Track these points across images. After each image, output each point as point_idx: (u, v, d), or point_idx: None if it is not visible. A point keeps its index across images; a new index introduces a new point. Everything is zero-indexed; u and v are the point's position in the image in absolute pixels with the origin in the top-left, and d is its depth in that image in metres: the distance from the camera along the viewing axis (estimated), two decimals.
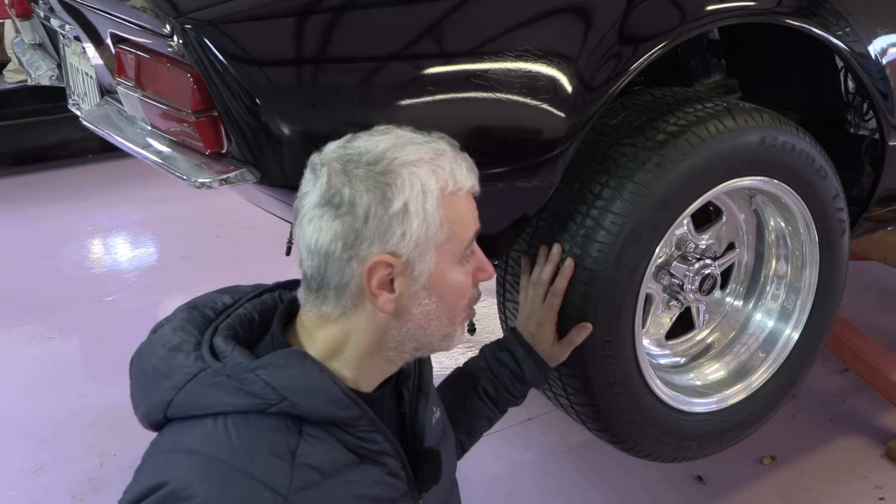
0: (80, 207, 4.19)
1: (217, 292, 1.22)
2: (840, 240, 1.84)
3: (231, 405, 1.03)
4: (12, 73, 5.95)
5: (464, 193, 1.10)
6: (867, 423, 2.45)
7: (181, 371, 1.07)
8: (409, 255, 1.06)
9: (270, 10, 1.27)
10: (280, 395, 1.03)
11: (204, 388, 1.05)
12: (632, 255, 1.51)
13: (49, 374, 2.77)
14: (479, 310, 1.22)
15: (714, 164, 1.56)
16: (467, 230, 1.11)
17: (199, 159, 1.33)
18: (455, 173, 1.08)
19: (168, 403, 1.06)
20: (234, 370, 1.05)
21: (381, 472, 1.12)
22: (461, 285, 1.12)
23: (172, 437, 1.06)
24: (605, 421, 1.64)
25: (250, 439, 1.01)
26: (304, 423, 1.05)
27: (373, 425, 1.10)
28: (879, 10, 1.80)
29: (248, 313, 1.18)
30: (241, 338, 1.13)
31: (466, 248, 1.11)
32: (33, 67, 2.17)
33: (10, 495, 2.24)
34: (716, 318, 1.93)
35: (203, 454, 1.01)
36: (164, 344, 1.11)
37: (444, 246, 1.08)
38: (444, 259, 1.09)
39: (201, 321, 1.15)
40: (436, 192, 1.06)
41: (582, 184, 1.52)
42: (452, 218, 1.08)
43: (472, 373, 1.53)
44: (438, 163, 1.08)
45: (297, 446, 1.03)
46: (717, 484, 2.22)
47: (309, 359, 1.08)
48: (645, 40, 1.45)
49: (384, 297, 1.07)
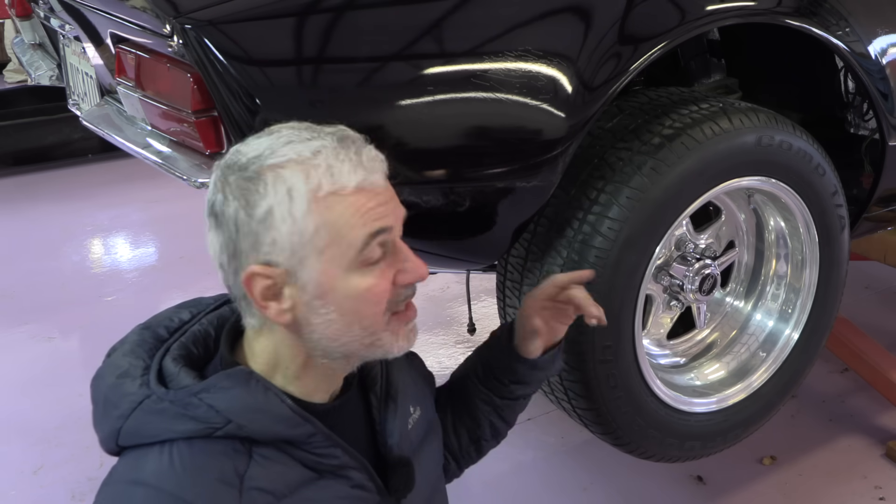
0: (80, 207, 4.19)
1: (176, 308, 1.18)
2: (840, 237, 1.84)
3: (176, 432, 1.00)
4: (12, 73, 5.95)
5: (349, 192, 0.98)
6: (867, 423, 2.45)
7: (127, 399, 1.04)
8: (288, 264, 0.98)
9: (270, 10, 1.27)
10: (225, 418, 1.00)
11: (149, 416, 1.02)
12: (630, 260, 1.51)
13: (49, 374, 2.77)
14: (479, 310, 1.20)
15: (711, 165, 1.56)
16: (354, 232, 0.99)
17: (199, 159, 1.33)
18: (333, 171, 0.98)
19: (118, 432, 1.03)
20: (176, 395, 1.01)
21: (345, 485, 1.08)
22: (366, 292, 1.01)
23: (124, 466, 1.03)
24: (607, 424, 1.64)
25: (195, 467, 0.98)
26: (255, 444, 1.02)
27: (328, 440, 1.06)
28: (879, 10, 1.80)
29: (203, 329, 1.14)
30: (194, 357, 1.10)
31: (361, 251, 0.99)
32: (33, 67, 2.17)
33: (10, 495, 2.24)
34: (716, 317, 1.93)
35: (150, 485, 0.98)
36: (114, 371, 1.08)
37: (328, 252, 0.98)
38: (331, 266, 0.99)
39: (152, 343, 1.11)
40: (305, 193, 0.97)
41: (579, 189, 1.52)
42: (331, 221, 0.98)
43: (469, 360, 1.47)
44: (313, 162, 0.98)
45: (247, 469, 1.00)
46: (717, 484, 2.22)
47: (254, 378, 1.03)
48: (645, 40, 1.45)
49: (274, 308, 1.00)
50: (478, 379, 1.40)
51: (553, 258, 1.53)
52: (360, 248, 1.00)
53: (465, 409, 1.42)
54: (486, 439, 1.44)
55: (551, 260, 1.53)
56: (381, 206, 1.01)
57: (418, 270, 1.05)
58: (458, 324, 2.96)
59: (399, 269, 1.04)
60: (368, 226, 1.00)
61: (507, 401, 1.42)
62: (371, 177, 1.00)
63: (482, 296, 2.99)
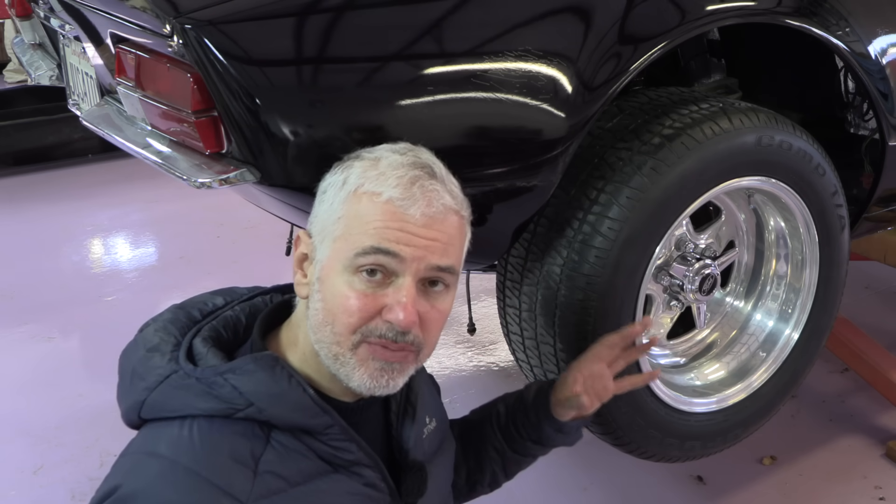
0: (80, 207, 4.19)
1: (211, 293, 1.21)
2: (840, 236, 1.84)
3: (199, 409, 1.02)
4: (12, 73, 5.95)
5: (381, 200, 1.03)
6: (867, 423, 2.45)
7: (155, 372, 1.07)
8: (315, 238, 1.08)
9: (270, 10, 1.27)
10: (247, 400, 1.02)
11: (174, 391, 1.04)
12: (630, 260, 1.51)
13: (49, 374, 2.77)
14: (479, 310, 1.21)
15: (711, 165, 1.56)
16: (362, 237, 1.02)
17: (199, 159, 1.33)
18: (380, 178, 1.04)
19: (141, 404, 1.06)
20: (203, 373, 1.04)
21: (358, 482, 1.10)
22: (343, 297, 1.03)
23: (143, 438, 1.06)
24: (607, 424, 1.64)
25: (213, 444, 1.01)
26: (274, 429, 1.04)
27: (345, 434, 1.07)
28: (879, 10, 1.80)
29: (235, 315, 1.17)
30: (223, 340, 1.13)
31: (356, 256, 1.02)
32: (33, 67, 2.17)
33: (10, 495, 2.24)
34: (716, 317, 1.93)
35: (165, 457, 1.00)
36: (145, 344, 1.11)
37: (338, 242, 1.04)
38: (335, 256, 1.04)
39: (185, 322, 1.14)
40: (352, 185, 1.05)
41: (579, 189, 1.52)
42: (352, 215, 1.04)
43: (493, 404, 1.50)
44: (376, 165, 1.06)
45: (263, 453, 1.02)
46: (717, 484, 2.22)
47: (280, 364, 1.06)
48: (645, 40, 1.45)
49: (299, 277, 1.10)
50: (498, 426, 1.43)
51: (553, 258, 1.53)
52: (357, 252, 1.02)
53: (473, 450, 1.44)
54: (483, 485, 1.47)
55: (551, 260, 1.53)
56: (406, 234, 1.02)
57: (401, 314, 1.02)
58: (458, 324, 2.94)
59: (388, 305, 1.03)
60: (376, 239, 1.02)
61: (517, 455, 1.44)
62: (411, 205, 1.03)
63: (482, 296, 2.99)
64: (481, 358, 2.79)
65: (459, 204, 1.09)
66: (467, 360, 2.78)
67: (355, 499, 1.09)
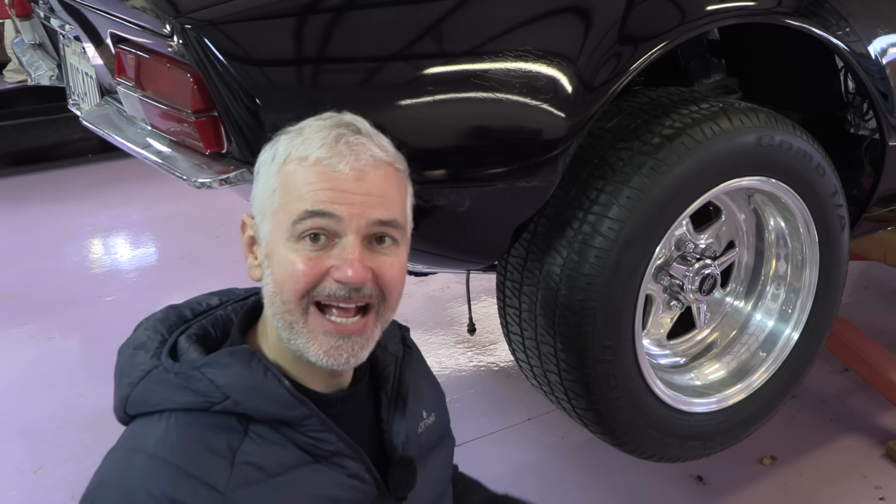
0: (80, 207, 4.19)
1: (208, 294, 1.22)
2: (840, 236, 1.84)
3: (177, 402, 1.04)
4: (12, 73, 5.95)
5: (310, 163, 1.03)
6: (867, 423, 2.45)
7: (138, 369, 1.09)
8: (257, 218, 1.08)
9: (270, 10, 1.27)
10: (224, 393, 1.03)
11: (154, 386, 1.06)
12: (630, 260, 1.51)
13: (49, 374, 2.77)
14: (479, 310, 1.21)
15: (711, 165, 1.56)
16: (296, 203, 1.03)
17: (199, 159, 1.33)
18: (305, 143, 1.05)
19: (126, 400, 1.08)
20: (181, 368, 1.06)
21: (341, 473, 1.09)
22: (290, 266, 1.04)
23: (127, 433, 1.08)
24: (607, 424, 1.64)
25: (190, 437, 1.02)
26: (252, 422, 1.05)
27: (323, 425, 1.08)
28: (879, 10, 1.80)
29: (226, 315, 1.18)
30: (211, 339, 1.14)
31: (294, 223, 1.03)
32: (33, 67, 2.17)
33: (10, 495, 2.24)
34: (716, 317, 1.93)
35: (148, 452, 1.02)
36: (134, 343, 1.13)
37: (277, 215, 1.05)
38: (276, 229, 1.05)
39: (175, 321, 1.16)
40: (282, 158, 1.05)
41: (579, 189, 1.52)
42: (284, 184, 1.04)
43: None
44: (300, 133, 1.07)
45: (240, 444, 1.03)
46: (717, 484, 2.22)
47: (256, 357, 1.07)
48: (645, 40, 1.45)
49: (250, 260, 1.11)
50: None
51: (553, 258, 1.53)
52: (294, 219, 1.03)
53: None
54: None
55: (551, 260, 1.53)
56: (339, 192, 1.03)
57: (349, 271, 1.03)
58: (458, 324, 2.96)
59: (335, 265, 1.04)
60: (310, 203, 1.03)
61: None
62: (339, 161, 1.03)
63: (482, 296, 2.99)
64: (481, 358, 2.79)
65: (391, 157, 1.09)
66: (467, 360, 2.78)
67: (340, 489, 1.09)
